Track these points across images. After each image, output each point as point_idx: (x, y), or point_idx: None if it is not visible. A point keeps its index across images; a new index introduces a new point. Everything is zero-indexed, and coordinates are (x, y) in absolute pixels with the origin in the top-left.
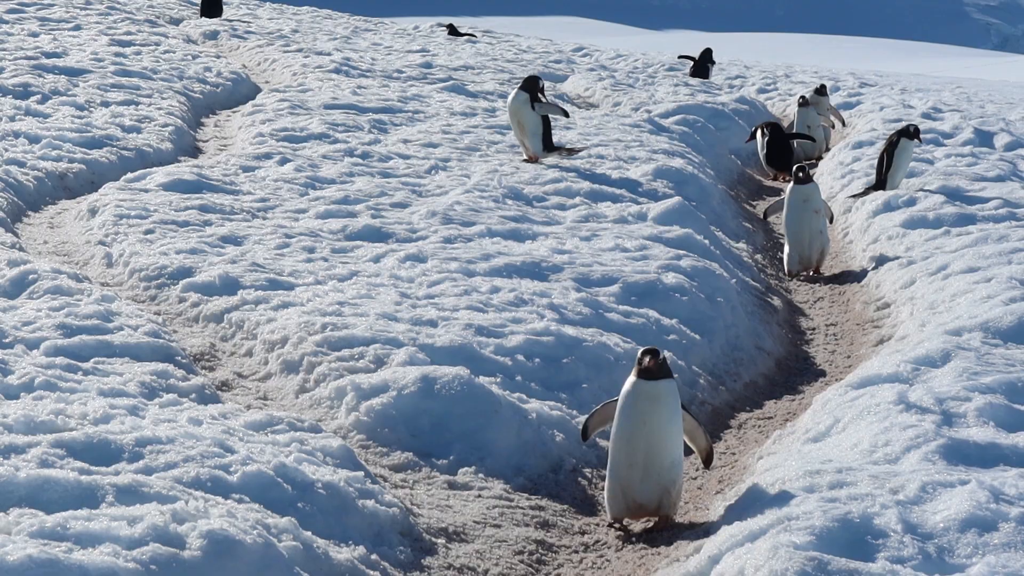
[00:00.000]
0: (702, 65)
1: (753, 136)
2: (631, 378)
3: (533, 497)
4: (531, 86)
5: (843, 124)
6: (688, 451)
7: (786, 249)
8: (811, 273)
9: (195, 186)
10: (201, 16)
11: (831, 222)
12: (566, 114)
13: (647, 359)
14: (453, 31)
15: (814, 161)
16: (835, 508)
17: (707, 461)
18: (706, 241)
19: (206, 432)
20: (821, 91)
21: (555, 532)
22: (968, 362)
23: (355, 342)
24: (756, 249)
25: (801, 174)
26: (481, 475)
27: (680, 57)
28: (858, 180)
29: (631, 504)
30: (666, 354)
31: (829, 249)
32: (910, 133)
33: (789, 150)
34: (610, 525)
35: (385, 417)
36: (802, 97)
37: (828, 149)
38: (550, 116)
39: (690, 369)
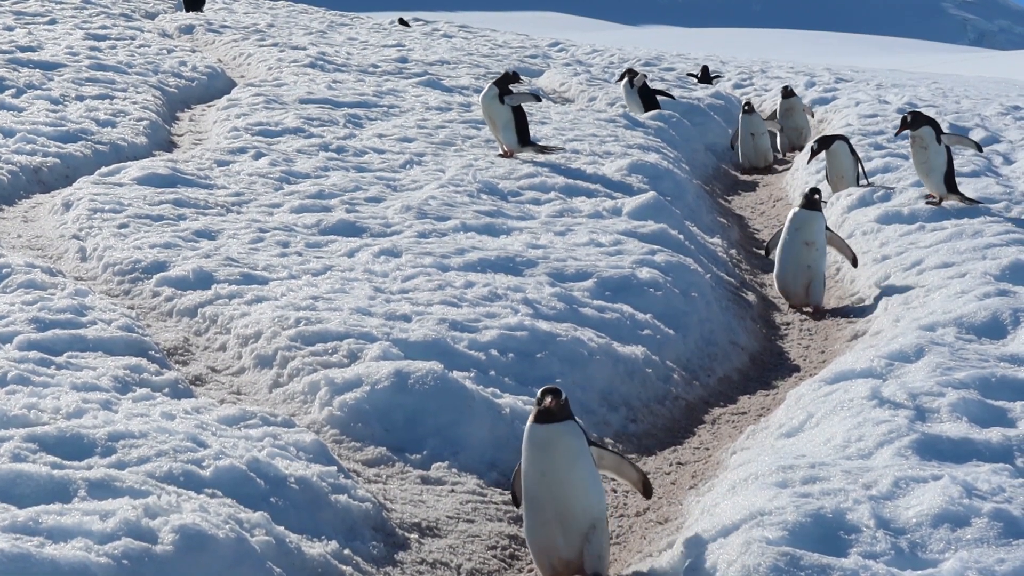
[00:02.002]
0: (707, 79)
1: (621, 79)
2: (527, 423)
3: (507, 492)
4: (502, 80)
5: (811, 115)
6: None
7: (774, 277)
8: (802, 310)
9: (169, 180)
10: (186, 10)
11: (853, 265)
12: (538, 98)
13: (547, 399)
14: (403, 23)
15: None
16: (808, 503)
17: (646, 492)
18: (681, 236)
19: (179, 427)
20: (788, 93)
21: None
22: (942, 357)
23: (329, 336)
24: (731, 244)
25: (816, 196)
26: (455, 470)
27: (688, 75)
28: None
29: (557, 564)
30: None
31: (822, 287)
32: (828, 141)
33: (653, 101)
34: None
35: (358, 412)
36: (747, 103)
37: (800, 147)
38: (526, 112)
39: (664, 364)
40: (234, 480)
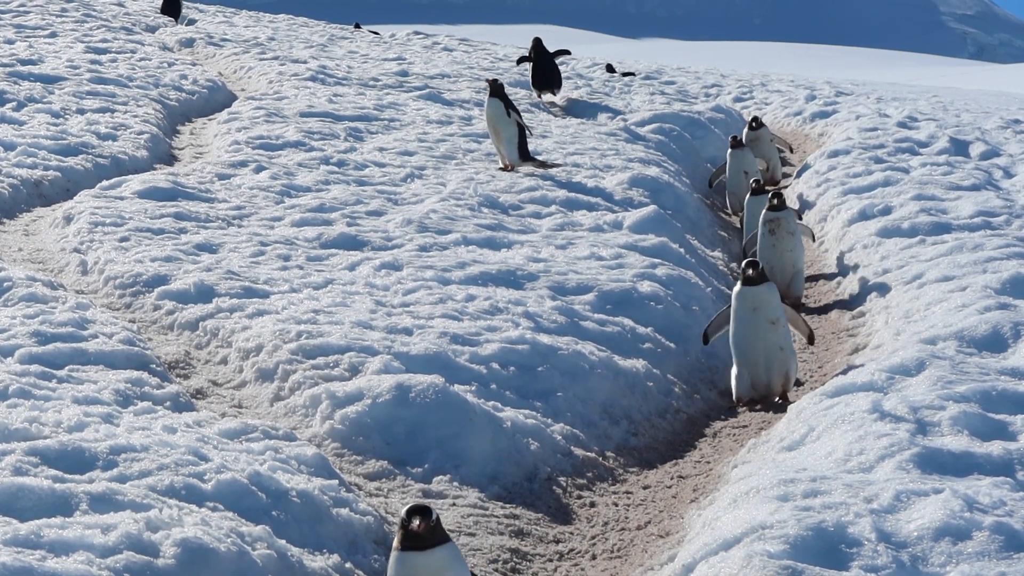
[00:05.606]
0: (612, 71)
1: (522, 60)
2: (394, 548)
3: (508, 506)
4: (501, 91)
5: (791, 150)
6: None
7: (734, 370)
8: (773, 400)
9: (170, 194)
10: (161, 12)
11: (809, 342)
12: (529, 131)
13: (416, 520)
14: (358, 27)
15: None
16: (809, 517)
17: None
18: (681, 250)
19: (180, 440)
20: (756, 125)
21: (530, 541)
22: (943, 371)
23: (330, 350)
24: (731, 258)
25: (751, 271)
26: (456, 483)
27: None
28: (834, 189)
29: None
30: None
31: (796, 370)
32: (763, 190)
33: (554, 68)
34: None
35: (360, 425)
36: (734, 137)
37: (777, 181)
38: (527, 127)
39: (665, 377)
40: (235, 493)
